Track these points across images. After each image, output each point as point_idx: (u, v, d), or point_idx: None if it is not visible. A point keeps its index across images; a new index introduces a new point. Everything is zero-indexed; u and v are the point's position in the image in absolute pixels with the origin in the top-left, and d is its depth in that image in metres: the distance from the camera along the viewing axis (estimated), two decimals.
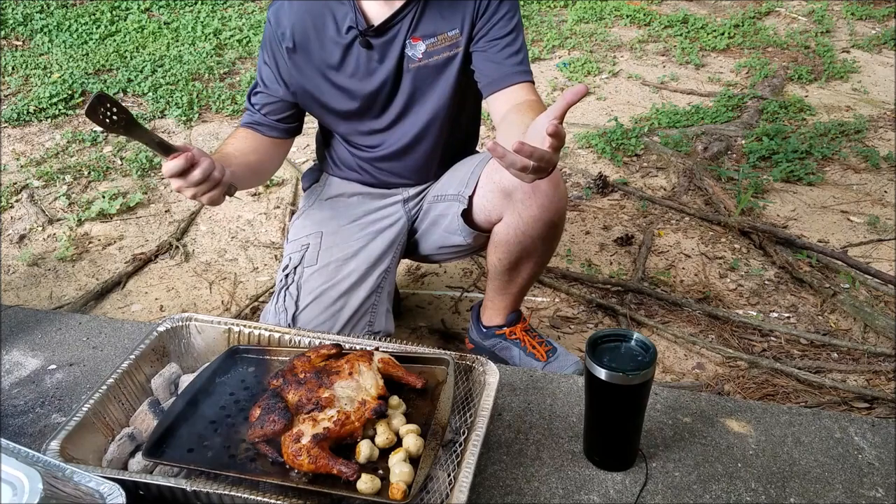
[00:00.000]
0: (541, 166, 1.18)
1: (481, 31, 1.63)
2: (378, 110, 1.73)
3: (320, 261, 1.73)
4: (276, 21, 1.67)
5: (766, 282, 2.48)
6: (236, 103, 3.76)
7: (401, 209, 1.87)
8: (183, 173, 1.33)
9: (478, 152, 1.92)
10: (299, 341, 1.41)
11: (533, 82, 1.65)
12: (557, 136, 1.16)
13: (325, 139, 1.92)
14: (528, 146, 1.14)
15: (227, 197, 1.45)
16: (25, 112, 3.62)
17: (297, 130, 1.80)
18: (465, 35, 1.64)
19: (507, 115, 1.58)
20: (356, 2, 1.61)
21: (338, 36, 1.64)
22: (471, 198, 1.73)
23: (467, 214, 1.76)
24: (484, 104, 1.77)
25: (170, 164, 1.32)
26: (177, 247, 2.66)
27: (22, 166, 3.18)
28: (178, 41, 4.58)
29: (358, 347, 1.36)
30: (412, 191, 1.88)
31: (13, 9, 4.90)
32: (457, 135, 1.85)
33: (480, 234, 1.78)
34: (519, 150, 1.13)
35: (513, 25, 1.64)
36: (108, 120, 1.21)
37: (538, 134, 1.20)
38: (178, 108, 3.67)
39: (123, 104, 1.18)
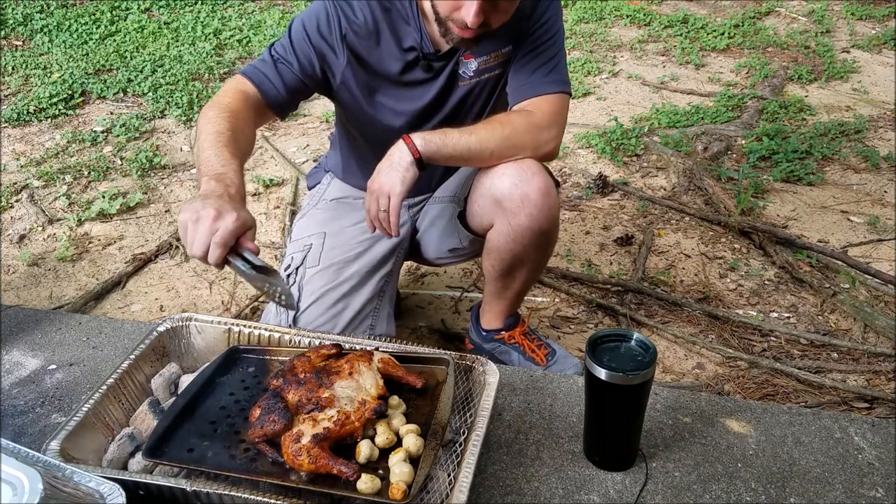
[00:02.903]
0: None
1: (526, 34, 1.62)
2: (417, 125, 1.69)
3: (322, 262, 1.73)
4: (350, 7, 1.57)
5: (766, 282, 2.48)
6: None
7: (405, 214, 1.86)
8: None
9: None
10: (299, 341, 1.41)
11: (554, 92, 1.62)
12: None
13: (342, 145, 1.88)
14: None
15: None
16: (25, 112, 3.62)
17: (285, 115, 1.67)
18: (517, 47, 1.63)
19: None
20: (424, 25, 1.59)
21: (398, 52, 1.62)
22: (466, 200, 1.73)
23: (464, 218, 1.76)
24: None
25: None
26: (177, 247, 2.66)
27: (22, 166, 3.18)
28: (178, 41, 4.58)
29: (358, 347, 1.36)
30: (419, 197, 1.87)
31: (13, 9, 4.90)
32: None
33: (477, 238, 1.78)
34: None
35: (553, 32, 1.62)
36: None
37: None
38: (178, 108, 3.67)
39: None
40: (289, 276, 1.74)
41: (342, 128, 1.86)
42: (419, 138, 1.54)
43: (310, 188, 1.98)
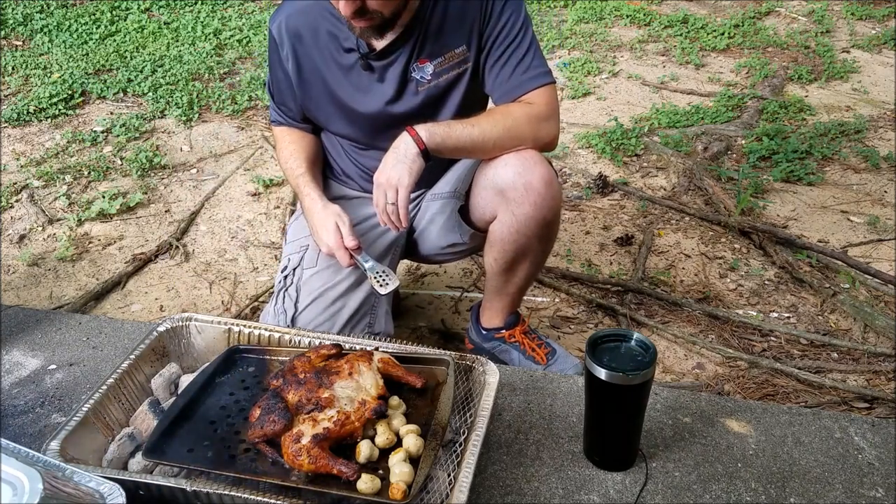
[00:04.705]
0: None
1: (489, 40, 1.62)
2: (382, 131, 1.70)
3: (319, 262, 1.73)
4: (280, 39, 1.67)
5: (766, 282, 2.48)
6: (236, 103, 3.76)
7: None
8: None
9: None
10: (299, 341, 1.41)
11: (544, 84, 1.63)
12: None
13: (327, 147, 1.91)
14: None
15: None
16: (25, 112, 3.62)
17: None
18: (474, 48, 1.63)
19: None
20: None
21: (338, 56, 1.65)
22: (467, 195, 1.73)
23: (464, 213, 1.76)
24: None
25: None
26: (177, 247, 2.66)
27: (22, 166, 3.18)
28: (178, 41, 4.58)
29: (358, 347, 1.37)
30: (414, 193, 1.87)
31: (13, 9, 4.90)
32: None
33: (477, 234, 1.78)
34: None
35: (518, 27, 1.63)
36: None
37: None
38: (178, 108, 3.67)
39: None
40: (286, 277, 1.74)
41: (324, 133, 1.89)
42: (424, 130, 1.55)
43: None
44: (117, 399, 1.30)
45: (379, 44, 1.61)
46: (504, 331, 1.94)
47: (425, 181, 1.86)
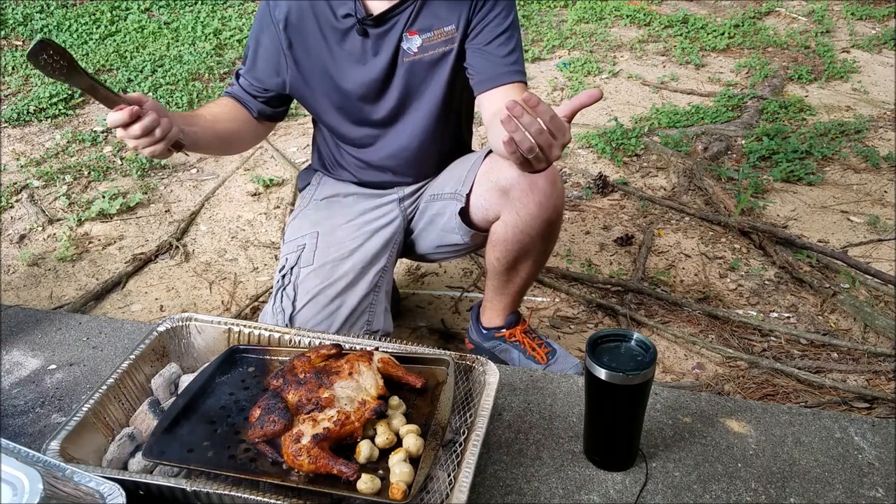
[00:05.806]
0: (541, 153, 1.16)
1: (476, 27, 1.63)
2: (371, 105, 1.72)
3: (316, 261, 1.73)
4: (275, 2, 1.68)
5: (766, 282, 2.48)
6: None
7: (396, 208, 1.86)
8: (126, 125, 1.34)
9: (474, 151, 1.92)
10: (299, 341, 1.41)
11: (525, 83, 1.65)
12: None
13: (321, 140, 1.92)
14: (545, 105, 1.13)
15: (174, 152, 1.46)
16: (25, 112, 3.62)
17: (281, 116, 1.82)
18: (461, 31, 1.64)
19: (496, 115, 1.58)
20: None
21: (335, 21, 1.65)
22: (468, 196, 1.73)
23: (464, 213, 1.76)
24: (475, 102, 1.77)
25: (113, 116, 1.34)
26: (177, 247, 2.66)
27: (22, 166, 3.18)
28: (178, 41, 4.58)
29: (358, 347, 1.36)
30: (407, 190, 1.87)
31: (13, 9, 4.90)
32: (453, 133, 1.84)
33: (478, 234, 1.78)
34: (529, 102, 1.12)
35: (507, 24, 1.64)
36: (49, 66, 1.21)
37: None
38: (179, 108, 3.67)
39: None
40: (283, 276, 1.74)
41: (315, 123, 1.89)
42: None
43: (301, 190, 1.99)
44: (117, 399, 1.30)
45: (378, 5, 1.61)
46: (504, 330, 1.94)
47: (423, 174, 1.86)
